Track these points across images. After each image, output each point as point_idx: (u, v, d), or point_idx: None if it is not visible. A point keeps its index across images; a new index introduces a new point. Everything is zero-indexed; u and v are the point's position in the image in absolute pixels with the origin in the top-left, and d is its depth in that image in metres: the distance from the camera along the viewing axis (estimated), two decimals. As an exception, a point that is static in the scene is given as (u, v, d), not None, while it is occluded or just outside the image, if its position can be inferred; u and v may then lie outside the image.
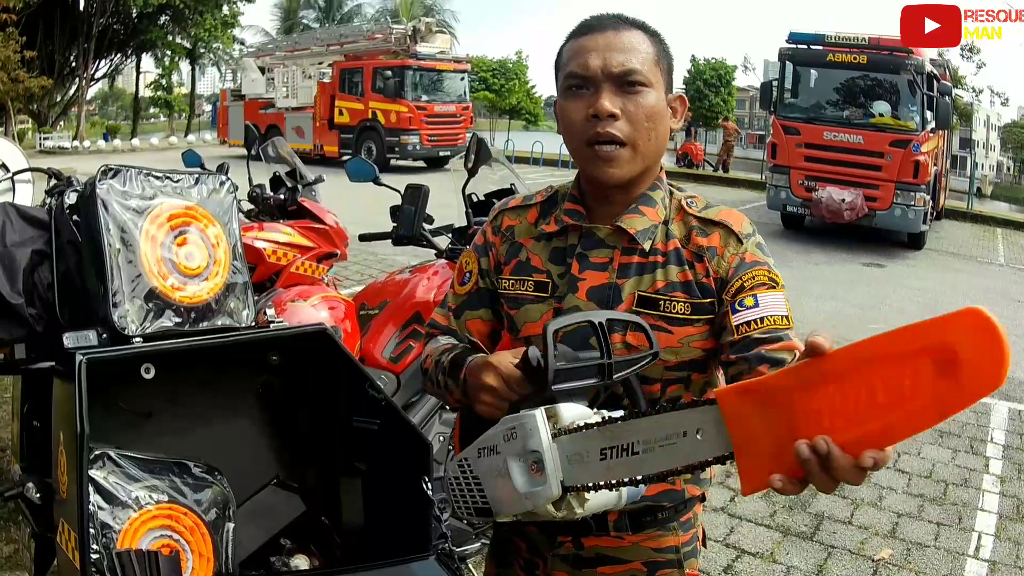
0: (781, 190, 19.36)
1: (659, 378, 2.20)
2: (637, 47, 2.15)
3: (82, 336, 2.44)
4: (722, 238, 2.21)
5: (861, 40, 18.70)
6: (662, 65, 2.19)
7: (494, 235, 2.45)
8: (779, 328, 2.10)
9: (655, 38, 2.22)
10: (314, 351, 2.78)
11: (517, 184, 5.38)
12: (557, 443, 1.79)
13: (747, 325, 2.11)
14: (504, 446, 1.87)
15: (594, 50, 2.15)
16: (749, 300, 2.13)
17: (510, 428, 1.86)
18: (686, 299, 2.18)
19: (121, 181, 2.62)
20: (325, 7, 73.91)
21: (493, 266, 2.42)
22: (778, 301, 2.14)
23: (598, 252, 2.25)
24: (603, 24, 2.20)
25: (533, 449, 1.80)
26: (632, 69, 2.12)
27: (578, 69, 2.16)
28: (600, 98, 2.12)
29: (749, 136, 72.51)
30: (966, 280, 16.43)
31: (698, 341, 2.20)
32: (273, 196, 6.04)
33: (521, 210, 2.44)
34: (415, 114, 31.56)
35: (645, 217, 2.24)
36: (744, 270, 2.17)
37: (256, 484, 2.97)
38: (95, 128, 71.61)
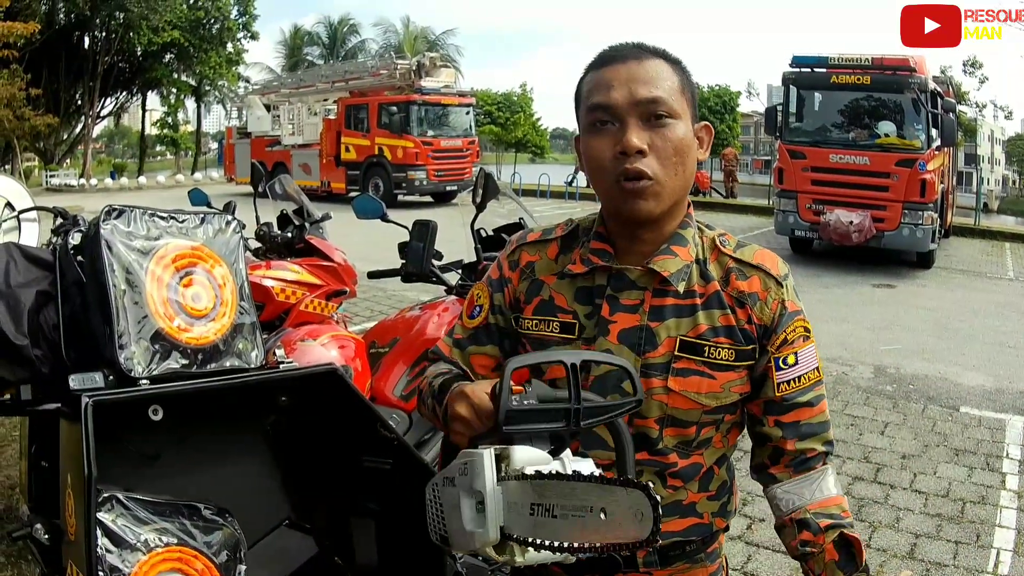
0: (789, 215, 19.32)
1: (696, 421, 2.16)
2: (662, 76, 2.09)
3: (88, 378, 2.42)
4: (762, 282, 2.18)
5: (864, 61, 18.66)
6: (687, 95, 2.14)
7: (511, 270, 2.37)
8: (814, 383, 2.21)
9: (678, 66, 2.17)
10: (324, 391, 2.75)
11: (526, 218, 5.37)
12: (502, 486, 1.73)
13: (787, 384, 2.16)
14: (459, 480, 1.82)
15: (617, 81, 2.09)
16: (791, 358, 2.16)
17: (464, 463, 1.81)
18: (730, 345, 2.15)
19: (125, 221, 2.60)
20: (329, 44, 74.32)
21: (509, 303, 2.35)
22: (811, 354, 2.20)
23: (628, 294, 2.19)
24: (625, 54, 2.14)
25: (477, 489, 1.75)
26: (658, 99, 2.06)
27: (602, 101, 2.10)
28: (628, 133, 2.06)
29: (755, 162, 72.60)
30: (977, 297, 16.39)
31: (738, 386, 2.17)
32: (280, 234, 6.01)
33: (541, 245, 2.36)
34: (421, 149, 31.60)
35: (678, 258, 2.18)
36: (787, 322, 2.17)
37: (267, 525, 2.95)
38: (102, 166, 72.05)
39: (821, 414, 2.20)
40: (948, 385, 10.00)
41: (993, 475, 7.33)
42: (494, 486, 1.72)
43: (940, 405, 9.20)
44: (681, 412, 2.13)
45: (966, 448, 7.93)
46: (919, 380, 10.14)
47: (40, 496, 2.79)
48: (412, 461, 2.74)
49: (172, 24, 53.90)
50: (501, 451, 1.76)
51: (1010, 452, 7.88)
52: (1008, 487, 7.06)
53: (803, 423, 2.17)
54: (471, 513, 1.75)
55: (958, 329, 13.22)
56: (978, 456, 7.74)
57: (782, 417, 2.17)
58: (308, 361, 4.31)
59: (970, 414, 8.96)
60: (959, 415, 8.91)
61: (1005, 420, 8.76)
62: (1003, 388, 9.99)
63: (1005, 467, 7.52)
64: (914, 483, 7.04)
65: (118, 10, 51.41)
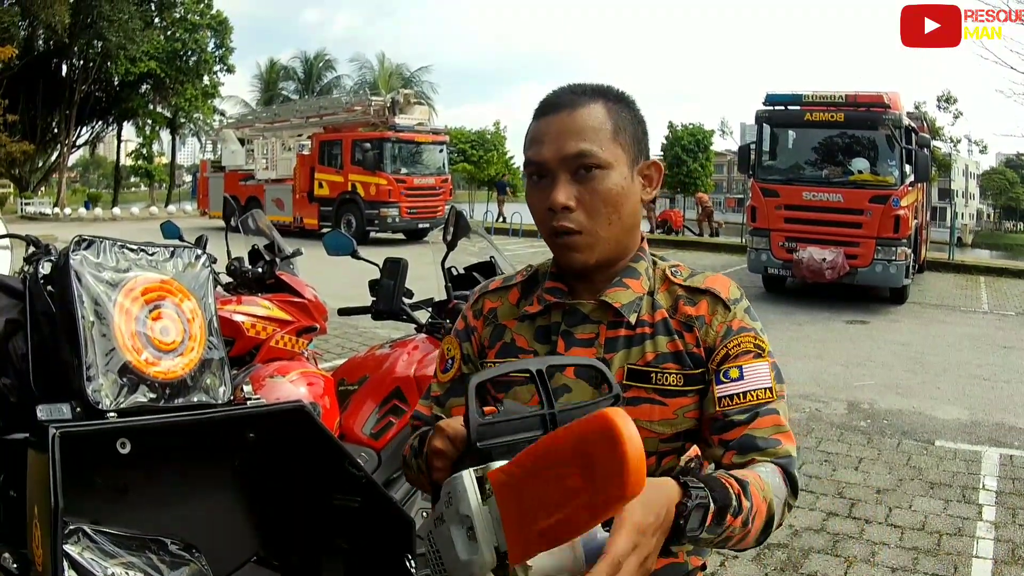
0: (762, 252, 19.37)
1: (654, 451, 2.15)
2: (592, 125, 2.10)
3: (56, 409, 2.39)
4: (710, 306, 2.19)
5: (838, 98, 18.80)
6: (624, 137, 2.14)
7: (475, 319, 2.42)
8: (761, 402, 2.10)
9: (618, 105, 2.17)
10: (292, 428, 2.73)
11: (497, 256, 5.36)
12: (488, 505, 1.64)
13: (729, 399, 2.10)
14: (446, 512, 1.73)
15: (547, 135, 2.12)
16: (734, 371, 2.12)
17: (447, 493, 1.73)
18: (678, 370, 2.16)
19: (95, 252, 2.58)
20: (304, 79, 74.48)
21: (476, 351, 2.38)
22: (762, 371, 2.13)
23: (583, 328, 2.21)
24: (558, 104, 2.16)
25: (464, 514, 1.66)
26: (583, 152, 2.08)
27: (533, 157, 2.15)
28: (555, 190, 2.10)
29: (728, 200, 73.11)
30: (950, 330, 16.49)
31: (692, 411, 2.17)
32: (251, 269, 5.99)
33: (502, 292, 2.41)
34: (395, 186, 31.65)
35: (630, 290, 2.21)
36: (730, 337, 2.16)
37: (235, 562, 2.91)
38: (76, 196, 71.99)
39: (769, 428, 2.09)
40: (923, 419, 10.03)
41: (969, 507, 7.33)
42: (479, 506, 1.64)
43: (915, 439, 9.22)
44: None
45: (942, 481, 7.94)
46: (893, 415, 10.17)
47: (9, 526, 2.76)
48: (381, 499, 2.72)
49: (149, 55, 54.19)
50: (481, 471, 1.68)
51: (986, 483, 7.89)
52: (985, 518, 7.07)
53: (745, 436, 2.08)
54: (464, 543, 1.67)
55: (932, 363, 13.28)
56: (954, 488, 7.75)
57: (725, 435, 2.11)
58: (277, 397, 4.30)
59: (945, 447, 8.98)
60: (934, 448, 8.94)
61: (981, 452, 8.80)
62: (978, 420, 10.04)
63: (981, 498, 7.53)
64: (889, 517, 7.03)
65: (96, 39, 51.63)
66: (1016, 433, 9.56)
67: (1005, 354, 14.19)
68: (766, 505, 1.93)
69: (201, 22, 58.64)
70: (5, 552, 2.54)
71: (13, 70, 46.09)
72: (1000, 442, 9.19)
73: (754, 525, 1.89)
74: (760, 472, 1.99)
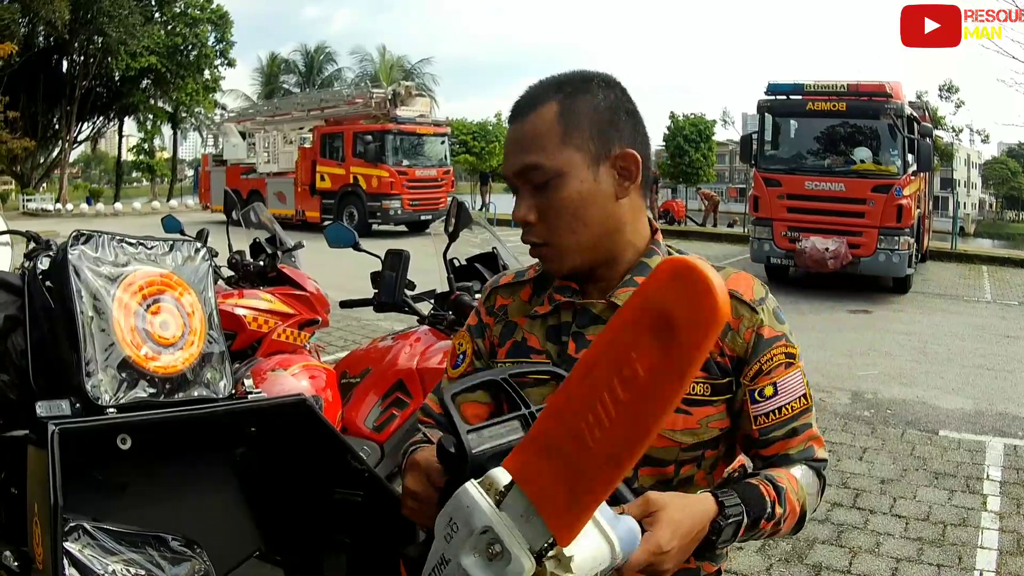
0: (764, 242, 19.34)
1: (674, 460, 2.09)
2: (539, 133, 2.02)
3: (55, 405, 2.39)
4: (734, 310, 2.07)
5: (840, 87, 18.78)
6: (579, 136, 2.02)
7: (488, 316, 2.36)
8: (797, 413, 2.08)
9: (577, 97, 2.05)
10: (294, 421, 2.72)
11: (499, 247, 5.34)
12: (504, 508, 1.50)
13: (765, 417, 2.07)
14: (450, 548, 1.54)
15: (507, 149, 2.09)
16: (768, 389, 2.07)
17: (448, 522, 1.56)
18: (705, 379, 2.07)
19: (93, 247, 2.57)
20: (305, 72, 74.37)
21: (488, 348, 2.33)
22: (796, 381, 2.10)
23: (594, 329, 2.12)
24: (517, 110, 2.10)
25: (483, 528, 1.48)
26: (532, 166, 2.01)
27: (502, 171, 2.13)
28: (516, 205, 2.08)
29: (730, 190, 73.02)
30: (954, 320, 16.46)
31: (716, 421, 2.10)
32: (253, 262, 5.98)
33: (515, 287, 2.35)
34: (396, 179, 31.57)
35: None
36: (762, 350, 2.07)
37: (237, 557, 2.90)
38: (78, 191, 71.74)
39: (805, 441, 2.10)
40: (927, 409, 10.01)
41: (974, 497, 7.32)
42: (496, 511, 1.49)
43: (919, 429, 9.20)
44: (657, 451, 2.06)
45: (946, 471, 7.92)
46: (897, 405, 10.15)
47: (9, 523, 2.74)
48: (383, 493, 2.71)
49: (150, 50, 54.02)
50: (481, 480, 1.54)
51: (990, 473, 7.88)
52: (989, 508, 7.05)
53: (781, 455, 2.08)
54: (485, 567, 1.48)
55: (936, 353, 13.27)
56: (958, 479, 7.73)
57: (763, 451, 2.09)
58: (278, 391, 4.29)
59: (949, 437, 8.96)
60: (938, 438, 8.91)
61: (985, 442, 8.78)
62: (982, 410, 10.03)
63: (986, 488, 7.52)
64: (894, 507, 7.02)
65: (97, 34, 51.51)
66: (1020, 423, 9.55)
67: (1008, 343, 14.18)
68: (799, 505, 1.96)
69: (201, 16, 58.54)
70: (6, 550, 2.54)
71: (14, 66, 46.07)
72: (1004, 432, 9.18)
73: (785, 525, 1.92)
74: (795, 473, 2.01)
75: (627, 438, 1.32)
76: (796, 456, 2.08)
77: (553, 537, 1.44)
